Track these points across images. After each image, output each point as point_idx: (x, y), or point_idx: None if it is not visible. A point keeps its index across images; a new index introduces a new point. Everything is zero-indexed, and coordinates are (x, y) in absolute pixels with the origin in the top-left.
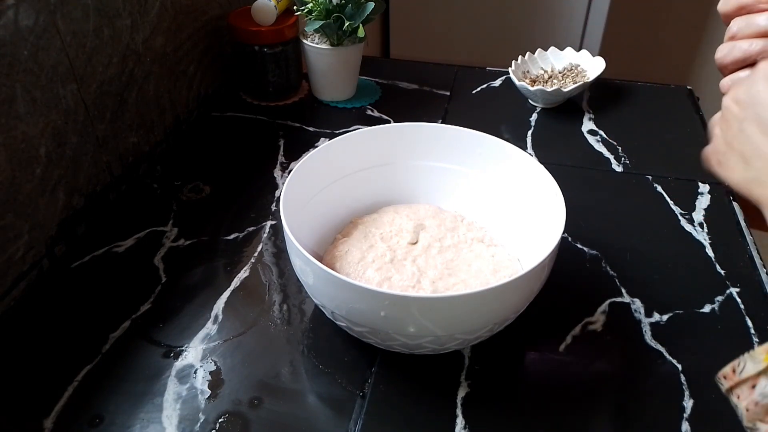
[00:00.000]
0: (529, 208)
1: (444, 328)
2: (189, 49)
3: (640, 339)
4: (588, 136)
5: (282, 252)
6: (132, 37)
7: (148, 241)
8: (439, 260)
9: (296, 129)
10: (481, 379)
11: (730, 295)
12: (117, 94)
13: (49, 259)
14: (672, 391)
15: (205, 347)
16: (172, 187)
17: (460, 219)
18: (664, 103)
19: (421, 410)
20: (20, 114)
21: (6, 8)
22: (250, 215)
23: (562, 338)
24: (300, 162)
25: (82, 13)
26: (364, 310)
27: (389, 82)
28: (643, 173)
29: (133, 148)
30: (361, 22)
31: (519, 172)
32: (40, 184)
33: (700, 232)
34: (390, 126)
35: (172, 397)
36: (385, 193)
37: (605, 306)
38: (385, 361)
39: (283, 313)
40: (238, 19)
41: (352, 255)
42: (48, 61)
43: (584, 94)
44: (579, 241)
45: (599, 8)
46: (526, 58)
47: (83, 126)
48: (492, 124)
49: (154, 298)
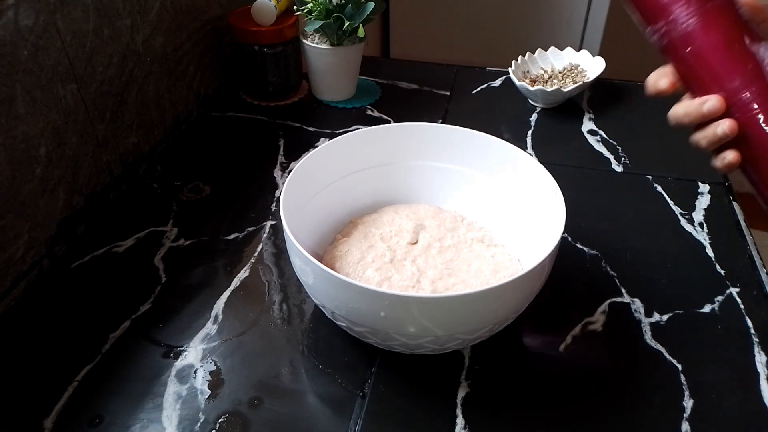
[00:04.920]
0: (529, 208)
1: (444, 328)
2: (189, 49)
3: (640, 339)
4: (588, 136)
5: (282, 252)
6: (132, 37)
7: (148, 241)
8: (438, 260)
9: (296, 129)
10: (481, 379)
11: (730, 295)
12: (117, 94)
13: (49, 259)
14: (672, 391)
15: (205, 347)
16: (172, 187)
17: (460, 219)
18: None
19: (421, 410)
20: (20, 114)
21: (6, 8)
22: (250, 215)
23: (562, 338)
24: (300, 162)
25: (82, 13)
26: (364, 310)
27: (389, 82)
28: (643, 173)
29: (133, 148)
30: (361, 22)
31: (519, 172)
32: (40, 184)
33: (700, 232)
34: (390, 126)
35: (172, 397)
36: (385, 193)
37: (605, 306)
38: (385, 361)
39: (283, 313)
40: (238, 19)
41: (351, 255)
42: (48, 61)
43: (584, 94)
44: (579, 241)
45: (599, 8)
46: (526, 58)
47: (83, 126)
48: (492, 124)
49: (154, 298)
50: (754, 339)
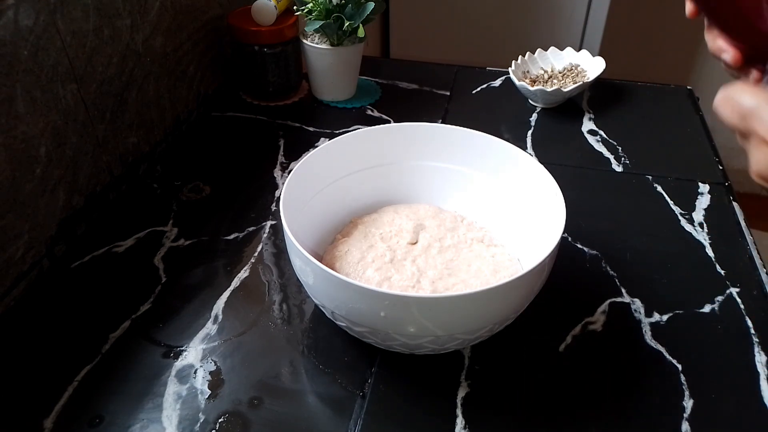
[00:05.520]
0: (529, 208)
1: (444, 328)
2: (189, 49)
3: (640, 339)
4: (588, 136)
5: (282, 252)
6: (132, 37)
7: (148, 241)
8: (438, 260)
9: (296, 129)
10: (481, 379)
11: (730, 295)
12: (117, 94)
13: (49, 259)
14: (672, 391)
15: (205, 347)
16: (172, 187)
17: (460, 219)
18: (664, 103)
19: (421, 410)
20: (20, 114)
21: (6, 8)
22: (250, 215)
23: (562, 338)
24: (300, 162)
25: (82, 13)
26: (364, 310)
27: (389, 82)
28: (643, 173)
29: (133, 148)
30: (361, 22)
31: (519, 172)
32: (40, 184)
33: (700, 232)
34: (390, 126)
35: (172, 397)
36: (385, 193)
37: (605, 306)
38: (385, 361)
39: (283, 313)
40: (238, 19)
41: (351, 255)
42: (48, 61)
43: (584, 94)
44: (579, 241)
45: (599, 8)
46: (526, 58)
47: (83, 126)
48: (492, 124)
49: (154, 298)
50: (754, 339)
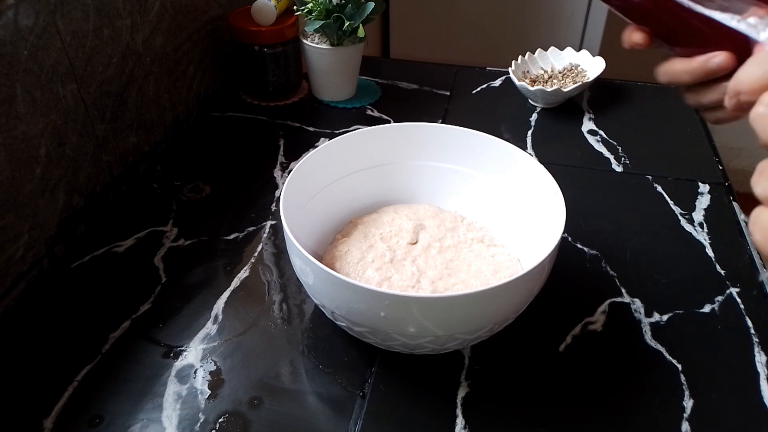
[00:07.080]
0: (529, 208)
1: (444, 328)
2: (189, 49)
3: (640, 339)
4: (588, 136)
5: (282, 252)
6: (132, 37)
7: (148, 241)
8: (438, 260)
9: (296, 129)
10: (481, 379)
11: (730, 295)
12: (117, 94)
13: (49, 259)
14: (672, 391)
15: (205, 347)
16: (172, 187)
17: (460, 219)
18: (664, 103)
19: (421, 410)
20: (20, 114)
21: (6, 8)
22: (250, 215)
23: (562, 338)
24: (300, 162)
25: (82, 13)
26: (364, 310)
27: (389, 82)
28: (643, 173)
29: (133, 148)
30: (361, 22)
31: (519, 172)
32: (40, 184)
33: (700, 232)
34: (390, 126)
35: (172, 397)
36: (385, 193)
37: (605, 306)
38: (385, 361)
39: (283, 313)
40: (238, 19)
41: (351, 255)
42: (48, 61)
43: (584, 94)
44: (579, 241)
45: (599, 8)
46: (526, 58)
47: (83, 126)
48: (492, 124)
49: (154, 298)
50: (754, 339)
